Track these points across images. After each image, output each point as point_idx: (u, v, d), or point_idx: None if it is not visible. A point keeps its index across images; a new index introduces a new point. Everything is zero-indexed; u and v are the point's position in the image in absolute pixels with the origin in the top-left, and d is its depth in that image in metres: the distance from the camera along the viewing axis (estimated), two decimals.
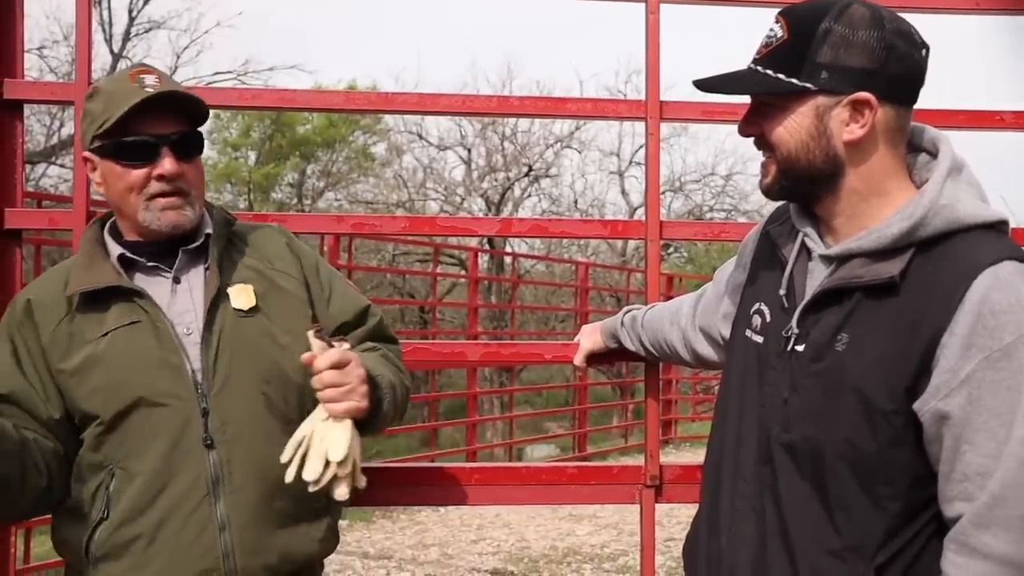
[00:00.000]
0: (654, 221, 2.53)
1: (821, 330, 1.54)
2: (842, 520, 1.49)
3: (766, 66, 1.55)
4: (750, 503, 1.61)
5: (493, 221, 5.09)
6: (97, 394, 1.82)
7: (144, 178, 1.86)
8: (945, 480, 1.43)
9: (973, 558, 1.38)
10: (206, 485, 1.82)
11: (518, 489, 2.54)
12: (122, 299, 1.87)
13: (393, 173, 19.48)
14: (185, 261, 1.93)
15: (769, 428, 1.59)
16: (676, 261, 21.49)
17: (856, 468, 1.48)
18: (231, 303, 1.90)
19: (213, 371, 1.86)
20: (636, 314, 2.30)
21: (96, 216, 2.37)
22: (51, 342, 1.85)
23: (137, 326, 1.85)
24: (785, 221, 1.71)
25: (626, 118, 2.92)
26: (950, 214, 1.47)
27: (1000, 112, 2.64)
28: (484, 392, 13.57)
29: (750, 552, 1.60)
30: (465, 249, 14.54)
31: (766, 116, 1.58)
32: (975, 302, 1.39)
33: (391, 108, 2.86)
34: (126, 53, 16.75)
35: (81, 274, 1.88)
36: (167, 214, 1.88)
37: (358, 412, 1.80)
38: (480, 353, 3.03)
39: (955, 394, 1.40)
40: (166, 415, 1.82)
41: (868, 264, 1.51)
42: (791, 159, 1.56)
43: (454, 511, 9.26)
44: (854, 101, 1.50)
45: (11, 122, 2.41)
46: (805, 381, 1.54)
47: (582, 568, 7.46)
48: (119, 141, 1.85)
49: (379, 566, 7.29)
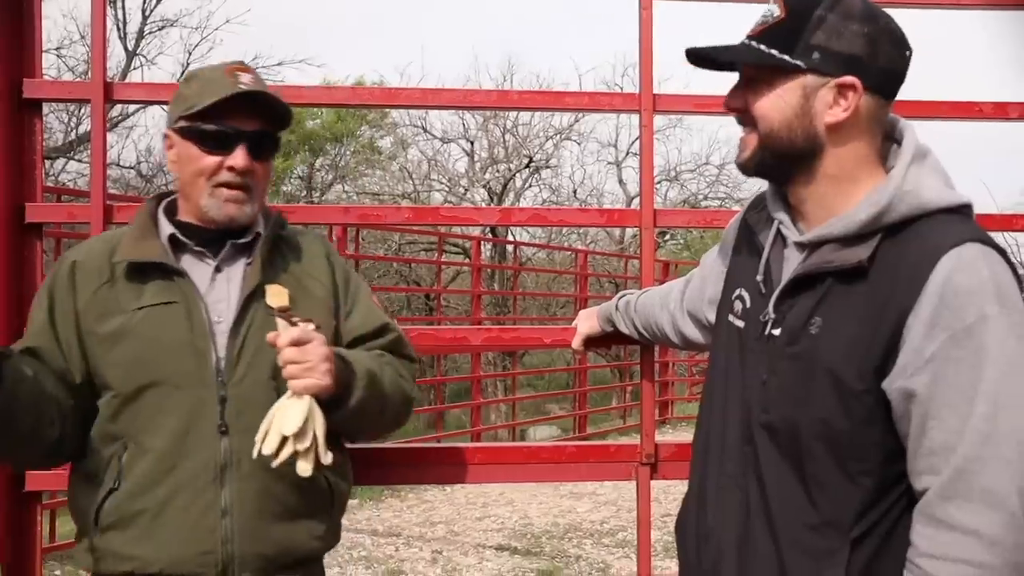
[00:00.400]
0: (648, 209, 2.54)
1: (796, 314, 1.55)
2: (819, 496, 1.50)
3: (760, 42, 1.55)
4: (735, 481, 1.63)
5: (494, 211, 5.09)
6: (120, 366, 1.85)
7: (216, 166, 1.89)
8: (913, 455, 1.44)
9: (940, 529, 1.39)
10: (215, 470, 1.83)
11: (521, 468, 2.56)
12: (163, 277, 1.90)
13: (399, 166, 19.41)
14: (231, 252, 1.96)
15: (750, 409, 1.61)
16: (673, 248, 21.44)
17: (831, 446, 1.49)
18: (265, 300, 1.90)
19: (236, 361, 1.88)
20: (630, 299, 2.31)
21: (112, 210, 2.39)
22: (87, 306, 1.87)
23: (172, 307, 1.87)
24: (763, 208, 1.72)
25: (621, 111, 2.93)
26: (914, 199, 1.48)
27: (980, 103, 2.64)
28: (488, 376, 13.59)
29: (735, 528, 1.62)
30: (469, 238, 14.51)
31: (753, 91, 1.58)
32: (939, 283, 1.40)
33: (396, 103, 2.87)
34: (140, 51, 16.72)
35: (131, 245, 1.92)
36: (228, 206, 1.91)
37: (318, 389, 1.76)
38: (483, 338, 3.03)
39: (920, 373, 1.41)
40: (185, 397, 1.84)
41: (838, 250, 1.52)
42: (772, 134, 1.56)
43: (460, 490, 9.30)
44: (840, 84, 1.51)
45: (30, 120, 2.42)
46: (781, 364, 1.56)
47: (583, 543, 7.49)
48: (202, 126, 1.88)
49: (388, 543, 7.32)
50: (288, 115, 1.97)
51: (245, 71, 1.93)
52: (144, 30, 16.61)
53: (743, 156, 1.63)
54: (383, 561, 6.83)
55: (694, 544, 1.72)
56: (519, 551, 7.24)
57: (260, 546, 1.85)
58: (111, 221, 2.40)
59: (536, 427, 13.31)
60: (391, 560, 6.87)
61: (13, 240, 2.37)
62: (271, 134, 1.96)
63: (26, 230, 2.40)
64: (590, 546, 7.41)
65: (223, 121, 1.89)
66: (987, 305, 1.39)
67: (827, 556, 1.49)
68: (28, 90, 2.39)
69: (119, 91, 2.51)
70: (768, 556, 1.55)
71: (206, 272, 1.94)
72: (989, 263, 1.42)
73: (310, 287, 2.00)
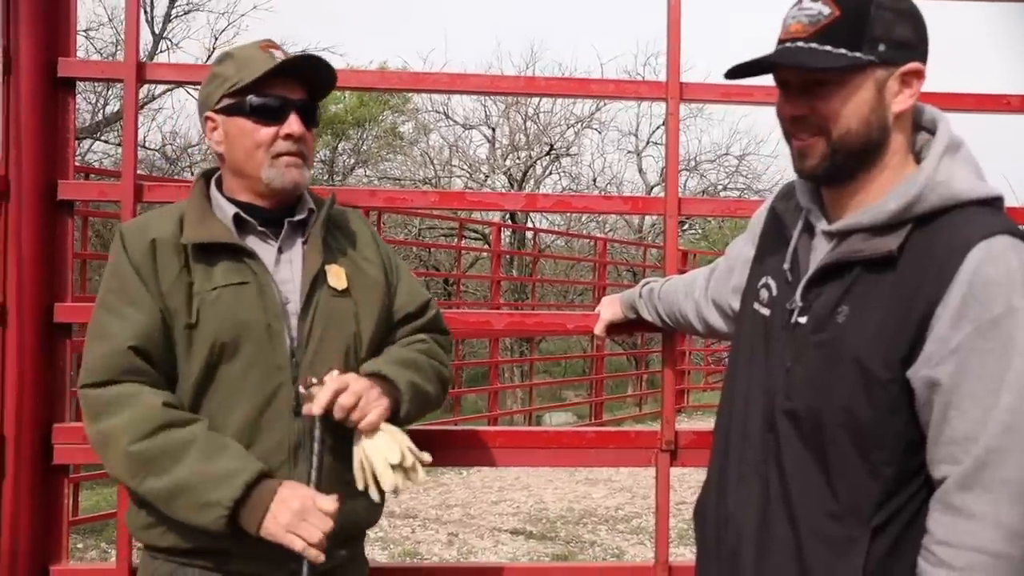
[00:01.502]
0: (673, 197, 2.54)
1: (823, 303, 1.55)
2: (840, 485, 1.50)
3: (822, 43, 1.48)
4: (755, 468, 1.63)
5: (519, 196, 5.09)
6: (202, 345, 1.85)
7: (273, 136, 1.91)
8: (933, 444, 1.44)
9: (958, 517, 1.39)
10: (289, 449, 1.86)
11: (542, 452, 2.56)
12: (231, 257, 1.90)
13: (420, 151, 19.44)
14: (288, 233, 1.98)
15: (773, 396, 1.60)
16: (691, 237, 21.37)
17: (854, 435, 1.49)
18: (328, 281, 1.94)
19: (307, 341, 1.90)
20: (653, 286, 2.31)
21: (143, 189, 2.41)
22: (171, 290, 1.86)
23: (245, 287, 1.88)
24: (792, 198, 1.71)
25: (647, 99, 2.92)
26: (946, 190, 1.47)
27: (1007, 96, 2.62)
28: (505, 361, 13.62)
29: (755, 514, 1.61)
30: (488, 224, 14.52)
31: (819, 95, 1.52)
32: (968, 274, 1.40)
33: (423, 87, 2.87)
34: (167, 34, 16.77)
35: (196, 225, 1.91)
36: (291, 171, 1.93)
37: (384, 415, 1.86)
38: (505, 322, 3.03)
39: (945, 362, 1.41)
40: (261, 377, 1.86)
41: (868, 239, 1.51)
42: (849, 136, 1.51)
43: (476, 474, 9.33)
44: (905, 72, 1.50)
45: (64, 99, 2.43)
46: (807, 352, 1.55)
47: (597, 529, 7.50)
48: (252, 100, 1.90)
49: (404, 524, 7.36)
50: (333, 76, 2.00)
51: (276, 47, 1.95)
52: (171, 14, 16.66)
53: (810, 163, 1.56)
54: (399, 543, 6.86)
55: (713, 530, 1.72)
56: (534, 535, 7.26)
57: None
58: (141, 200, 2.42)
59: (552, 413, 13.32)
60: (407, 542, 6.91)
61: (46, 216, 2.38)
62: (313, 103, 1.99)
63: (59, 207, 2.41)
64: (605, 532, 7.42)
65: (270, 93, 1.91)
66: (1015, 297, 1.38)
67: (846, 545, 1.49)
68: (63, 69, 2.40)
69: (151, 71, 2.51)
70: (787, 544, 1.55)
71: (271, 253, 1.95)
72: (1019, 255, 1.41)
73: (365, 268, 2.04)
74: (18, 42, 2.31)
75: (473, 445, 2.51)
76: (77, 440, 2.36)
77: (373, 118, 19.95)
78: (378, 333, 2.03)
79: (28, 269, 2.34)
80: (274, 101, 1.91)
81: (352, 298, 1.98)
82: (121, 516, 2.32)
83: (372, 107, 19.66)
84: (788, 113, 1.58)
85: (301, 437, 1.86)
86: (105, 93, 15.15)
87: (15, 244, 2.32)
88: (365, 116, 19.69)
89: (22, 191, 2.32)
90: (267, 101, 1.91)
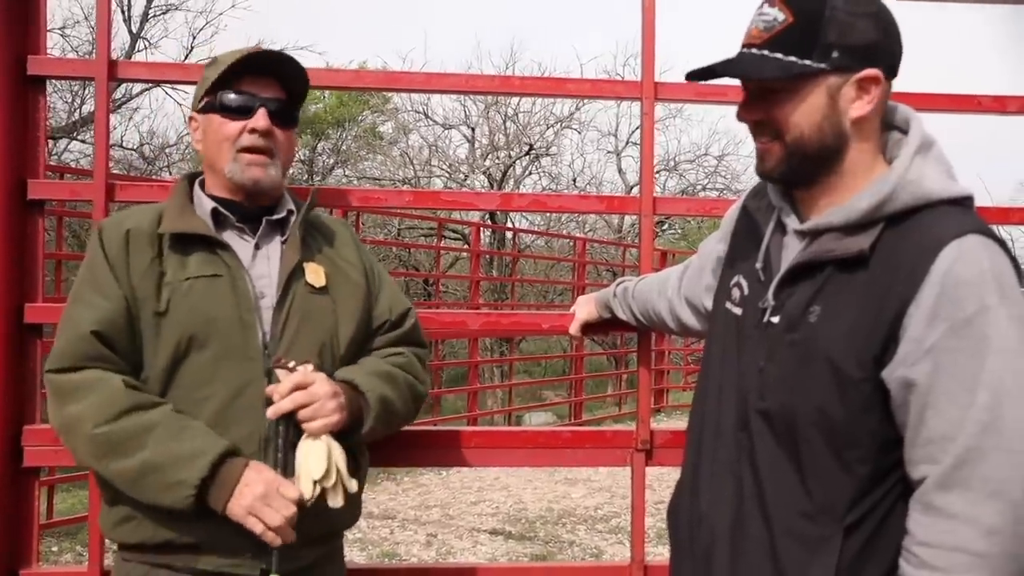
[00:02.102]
0: (648, 197, 2.53)
1: (795, 302, 1.54)
2: (814, 483, 1.50)
3: (773, 50, 1.50)
4: (729, 467, 1.62)
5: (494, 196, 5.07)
6: (171, 336, 1.85)
7: (239, 130, 1.94)
8: (911, 444, 1.44)
9: (937, 517, 1.39)
10: (258, 442, 1.85)
11: (518, 452, 2.55)
12: (206, 250, 1.92)
13: (400, 151, 19.40)
14: (267, 230, 2.00)
15: (746, 395, 1.60)
16: (670, 237, 21.43)
17: (827, 434, 1.48)
18: (305, 277, 1.96)
19: (280, 336, 1.90)
20: (628, 285, 2.31)
21: (115, 188, 2.38)
22: (142, 279, 1.88)
23: (218, 280, 1.89)
24: (764, 196, 1.71)
25: (623, 98, 2.92)
26: (917, 189, 1.48)
27: (978, 96, 2.64)
28: (485, 361, 13.61)
29: (728, 513, 1.61)
30: (468, 224, 14.51)
31: (773, 101, 1.53)
32: (940, 274, 1.40)
33: (399, 87, 2.86)
34: (144, 33, 16.66)
35: (175, 217, 1.93)
36: (251, 169, 1.95)
37: (332, 427, 1.83)
38: (482, 322, 3.03)
39: (921, 362, 1.41)
40: (232, 370, 1.86)
41: (840, 238, 1.51)
42: (802, 141, 1.53)
43: (455, 474, 9.32)
44: (862, 79, 1.49)
45: (34, 97, 2.40)
46: (780, 351, 1.55)
47: (576, 529, 7.51)
48: (222, 97, 1.95)
49: (383, 525, 7.34)
50: (302, 76, 2.01)
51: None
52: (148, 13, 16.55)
53: (767, 166, 1.58)
54: (378, 543, 6.84)
55: (687, 529, 1.71)
56: (513, 536, 7.26)
57: None
58: (114, 199, 2.39)
59: (532, 413, 13.32)
60: (386, 543, 6.89)
61: (15, 216, 2.35)
62: (287, 102, 2.00)
63: (29, 206, 2.38)
64: (583, 532, 7.43)
65: (241, 89, 1.95)
66: (987, 296, 1.39)
67: (820, 543, 1.48)
68: (32, 67, 2.37)
69: (123, 69, 2.49)
70: (761, 542, 1.55)
71: (247, 249, 1.97)
72: (990, 254, 1.42)
73: (346, 270, 2.06)
74: None
75: (452, 445, 2.50)
76: (48, 442, 2.33)
77: (353, 118, 19.91)
78: (357, 335, 2.02)
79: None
80: (242, 96, 1.95)
81: (331, 296, 1.99)
82: (93, 519, 2.30)
83: (352, 107, 19.62)
84: (744, 118, 1.60)
85: (271, 430, 1.85)
86: (82, 92, 15.04)
87: None
88: (345, 116, 19.64)
89: None
90: (236, 96, 1.95)
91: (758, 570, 1.55)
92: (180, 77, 2.77)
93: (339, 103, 19.35)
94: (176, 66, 2.30)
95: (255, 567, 1.83)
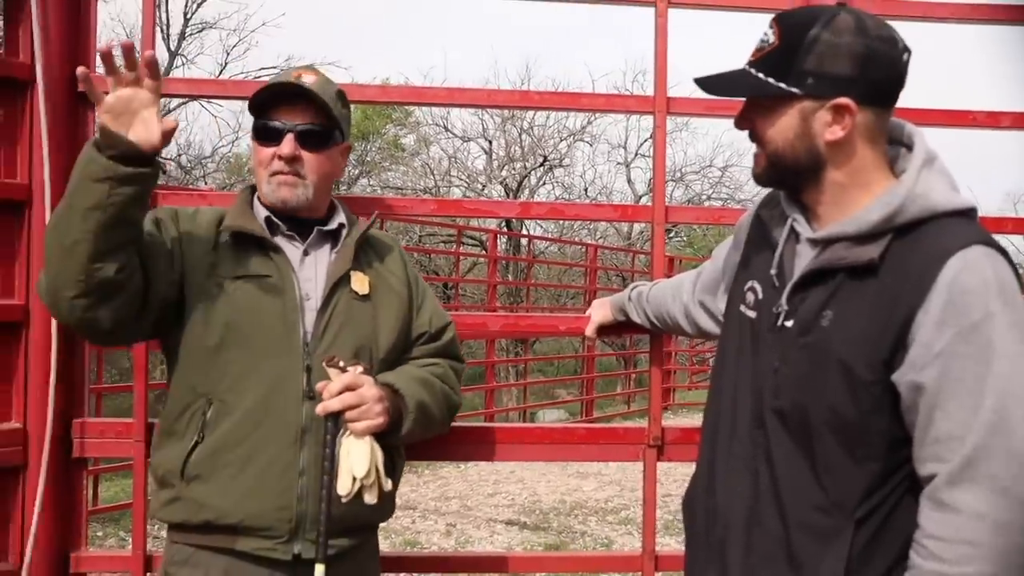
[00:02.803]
0: (660, 205, 2.53)
1: (808, 307, 1.55)
2: (827, 479, 1.50)
3: (759, 69, 1.56)
4: (744, 463, 1.62)
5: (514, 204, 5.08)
6: (216, 325, 1.89)
7: (270, 156, 1.97)
8: (920, 444, 1.44)
9: (947, 513, 1.39)
10: (296, 432, 1.87)
11: (536, 447, 2.56)
12: (260, 253, 1.96)
13: (421, 162, 19.43)
14: (317, 239, 2.03)
15: (762, 395, 1.60)
16: (676, 244, 21.36)
17: (839, 432, 1.49)
18: (351, 285, 1.98)
19: (322, 335, 1.93)
20: (642, 290, 2.31)
21: (157, 197, 2.40)
22: (195, 264, 1.92)
23: (267, 280, 1.93)
24: (776, 206, 1.72)
25: (635, 112, 2.92)
26: (925, 202, 1.48)
27: (973, 112, 2.63)
28: (501, 361, 13.61)
29: (744, 507, 1.61)
30: (485, 231, 14.50)
31: (758, 114, 1.59)
32: (946, 283, 1.40)
33: (423, 101, 2.87)
34: (181, 51, 16.77)
35: (237, 216, 1.98)
36: (280, 189, 1.97)
37: (376, 428, 1.84)
38: (501, 324, 3.03)
39: (929, 367, 1.41)
40: (273, 363, 1.89)
41: (851, 247, 1.52)
42: (778, 154, 1.57)
43: (472, 468, 9.33)
44: (835, 106, 1.50)
45: (84, 112, 2.42)
46: (793, 353, 1.55)
47: (588, 520, 7.51)
48: (257, 124, 2.00)
49: (405, 515, 7.35)
50: (325, 106, 1.99)
51: (311, 73, 2.02)
52: (185, 32, 16.67)
53: (756, 171, 1.65)
54: (400, 532, 6.86)
55: (703, 521, 1.71)
56: (528, 526, 7.26)
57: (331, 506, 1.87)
58: (155, 206, 2.40)
59: (545, 410, 13.31)
60: (407, 532, 6.91)
61: None
62: (321, 127, 2.00)
63: None
64: (595, 523, 7.43)
65: (275, 116, 1.97)
66: (992, 303, 1.39)
67: (832, 535, 1.49)
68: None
69: (165, 85, 2.50)
70: (775, 535, 1.55)
71: (296, 253, 2.00)
72: (993, 264, 1.42)
73: (390, 281, 2.08)
74: (43, 58, 2.31)
75: (470, 440, 2.51)
76: (96, 434, 2.37)
77: (376, 131, 19.95)
78: (397, 342, 2.04)
79: None
80: (272, 125, 1.98)
81: (373, 303, 2.01)
82: (137, 506, 2.38)
83: (375, 120, 19.67)
84: (736, 124, 1.66)
85: (308, 422, 1.87)
86: None
87: (38, 249, 2.31)
88: (369, 129, 19.69)
89: (43, 200, 2.32)
90: (266, 123, 1.99)
91: (772, 560, 1.56)
92: (217, 92, 2.80)
93: (364, 117, 19.40)
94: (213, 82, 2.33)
95: (288, 551, 1.86)
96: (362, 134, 19.65)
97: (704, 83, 1.63)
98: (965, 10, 2.63)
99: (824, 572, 1.48)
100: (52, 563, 2.35)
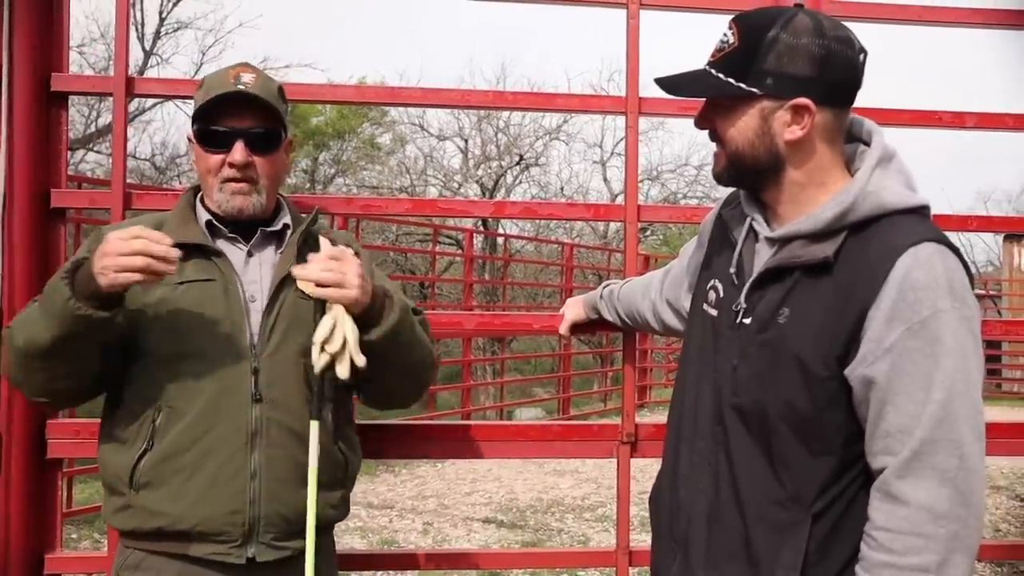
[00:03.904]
0: (632, 205, 2.56)
1: (765, 305, 1.57)
2: (784, 473, 1.52)
3: (719, 69, 1.57)
4: (706, 459, 1.65)
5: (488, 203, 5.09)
6: (160, 334, 1.87)
7: (219, 163, 1.93)
8: (871, 437, 1.47)
9: (896, 505, 1.42)
10: (246, 435, 1.86)
11: (510, 444, 2.57)
12: (203, 257, 1.93)
13: (397, 161, 19.40)
14: (261, 239, 2.00)
15: (721, 391, 1.62)
16: (653, 243, 21.43)
17: (796, 427, 1.51)
18: (296, 285, 1.92)
19: (268, 336, 1.91)
20: (613, 288, 2.33)
21: (131, 197, 2.40)
22: None
23: (211, 283, 1.91)
24: (736, 205, 1.74)
25: (609, 113, 2.94)
26: (876, 200, 1.50)
27: (939, 112, 2.67)
28: (478, 360, 13.61)
29: (705, 502, 1.63)
30: (461, 230, 14.48)
31: (718, 114, 1.61)
32: (898, 279, 1.43)
33: (398, 101, 2.87)
34: (156, 50, 16.64)
35: (175, 227, 1.94)
36: (235, 198, 1.95)
37: (347, 299, 1.80)
38: (476, 323, 3.04)
39: (880, 361, 1.43)
40: (220, 366, 1.87)
41: (806, 245, 1.54)
42: (738, 153, 1.59)
43: (450, 466, 9.32)
44: (795, 106, 1.52)
45: (57, 112, 2.41)
46: (751, 350, 1.57)
47: (565, 517, 7.52)
48: (204, 129, 1.93)
49: (382, 515, 7.34)
50: (271, 108, 1.96)
51: (248, 71, 1.96)
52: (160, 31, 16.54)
53: (716, 170, 1.67)
54: (377, 531, 6.85)
55: (667, 516, 1.74)
56: (505, 524, 7.27)
57: (283, 508, 1.87)
58: (130, 207, 2.41)
59: (522, 408, 13.32)
60: (385, 531, 6.89)
61: (40, 223, 2.37)
62: (269, 130, 1.97)
63: (51, 215, 2.40)
64: (571, 520, 7.44)
65: (221, 121, 1.93)
66: (940, 300, 1.42)
67: (790, 529, 1.51)
68: (56, 83, 2.39)
69: (139, 86, 2.51)
70: (735, 528, 1.58)
71: (240, 255, 1.98)
72: (943, 261, 1.45)
73: None
74: (13, 58, 2.30)
75: (447, 439, 2.53)
76: (70, 435, 2.37)
77: (352, 130, 19.88)
78: None
79: (21, 273, 2.33)
80: (220, 130, 1.93)
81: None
82: None
83: (351, 119, 19.59)
84: (695, 124, 1.67)
85: (258, 425, 1.86)
86: (98, 106, 15.01)
87: (8, 250, 2.30)
88: (345, 128, 19.62)
89: (15, 200, 2.31)
90: (215, 129, 1.93)
91: (732, 554, 1.58)
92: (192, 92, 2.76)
93: (340, 116, 19.33)
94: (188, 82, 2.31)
95: (242, 555, 1.85)
96: (338, 133, 19.58)
97: (665, 83, 1.64)
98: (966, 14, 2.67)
99: (782, 565, 1.50)
100: (26, 565, 2.34)
